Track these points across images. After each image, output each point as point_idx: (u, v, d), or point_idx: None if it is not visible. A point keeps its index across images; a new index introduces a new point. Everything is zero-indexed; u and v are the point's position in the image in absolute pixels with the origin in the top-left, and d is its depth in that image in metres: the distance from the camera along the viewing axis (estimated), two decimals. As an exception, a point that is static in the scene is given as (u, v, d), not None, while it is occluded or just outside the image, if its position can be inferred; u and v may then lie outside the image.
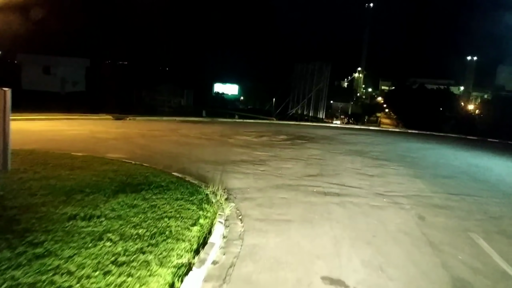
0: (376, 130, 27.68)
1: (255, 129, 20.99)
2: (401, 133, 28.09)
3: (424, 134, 29.07)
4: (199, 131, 18.03)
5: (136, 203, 6.74)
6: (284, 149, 14.47)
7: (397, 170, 12.01)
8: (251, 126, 23.07)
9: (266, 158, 12.29)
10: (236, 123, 25.11)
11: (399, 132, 28.04)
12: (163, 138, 15.22)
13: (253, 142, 15.90)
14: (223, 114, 32.89)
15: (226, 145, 14.55)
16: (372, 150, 16.11)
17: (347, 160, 13.16)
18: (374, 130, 28.20)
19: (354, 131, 25.04)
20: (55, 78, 37.20)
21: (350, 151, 15.22)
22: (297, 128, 23.91)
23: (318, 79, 36.78)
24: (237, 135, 17.64)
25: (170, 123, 21.36)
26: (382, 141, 20.64)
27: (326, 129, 25.48)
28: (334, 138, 19.62)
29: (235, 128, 21.07)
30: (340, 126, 27.20)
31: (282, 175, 10.16)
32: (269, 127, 23.61)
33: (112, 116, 20.81)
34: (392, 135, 25.10)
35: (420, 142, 21.97)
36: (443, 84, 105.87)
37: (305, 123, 28.23)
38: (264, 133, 19.36)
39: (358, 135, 22.70)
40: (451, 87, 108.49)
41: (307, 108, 37.72)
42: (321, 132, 22.48)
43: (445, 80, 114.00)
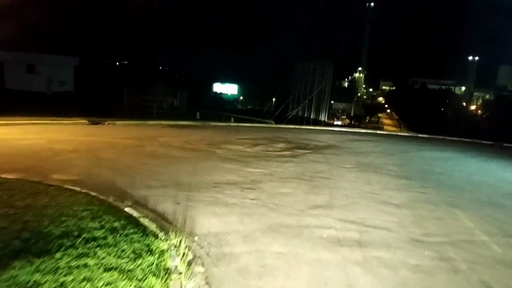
0: (383, 135, 24.91)
1: (250, 135, 18.26)
2: (411, 138, 25.32)
3: (434, 138, 26.35)
4: (184, 139, 15.28)
5: (36, 280, 4.03)
6: (282, 163, 11.73)
7: (427, 195, 9.26)
8: (246, 131, 20.37)
9: (259, 178, 9.54)
10: (230, 128, 22.34)
11: (408, 137, 25.26)
12: (136, 149, 12.47)
13: (246, 153, 13.15)
14: (219, 116, 30.20)
15: (212, 158, 11.79)
16: (387, 163, 13.36)
17: (360, 178, 10.41)
18: (381, 134, 25.44)
19: (360, 136, 22.28)
20: (40, 77, 34.44)
21: (361, 165, 12.46)
22: (297, 133, 21.17)
23: (320, 79, 34.02)
24: (228, 144, 14.88)
25: (153, 129, 18.60)
26: (394, 149, 17.89)
27: (329, 134, 22.73)
28: (340, 147, 16.87)
29: (227, 134, 18.34)
30: (344, 130, 24.47)
31: (278, 206, 7.42)
32: (267, 132, 20.84)
33: (88, 120, 18.06)
34: (401, 141, 22.36)
35: (435, 150, 19.24)
36: (445, 85, 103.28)
37: (306, 127, 25.48)
38: (260, 140, 16.60)
39: (366, 141, 19.96)
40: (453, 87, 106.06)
41: (308, 110, 34.97)
42: (325, 138, 19.73)
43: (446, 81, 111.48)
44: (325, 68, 33.53)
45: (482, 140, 27.69)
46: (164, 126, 19.78)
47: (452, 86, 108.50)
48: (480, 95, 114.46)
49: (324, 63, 33.88)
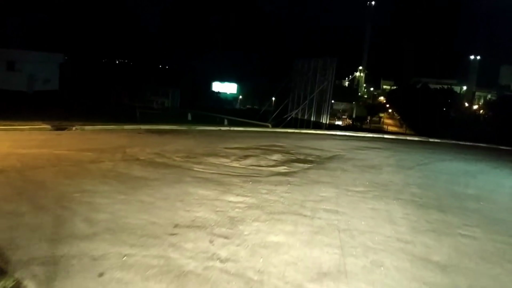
0: (392, 140, 22.06)
1: (241, 143, 15.41)
2: (423, 143, 22.45)
3: (448, 144, 23.51)
4: (159, 149, 12.44)
5: None
6: (275, 185, 8.90)
7: (476, 242, 6.41)
8: (237, 137, 17.53)
9: (241, 215, 6.72)
10: (220, 133, 19.42)
11: (419, 143, 22.40)
12: (89, 166, 9.63)
13: (231, 170, 10.32)
14: (212, 118, 27.23)
15: (184, 179, 8.95)
16: (408, 182, 10.53)
17: (379, 211, 7.57)
18: (390, 140, 22.59)
19: (367, 143, 19.43)
20: (21, 75, 31.56)
21: (377, 187, 9.62)
22: (296, 140, 18.32)
23: (321, 78, 31.16)
24: (211, 156, 12.05)
25: (127, 135, 15.77)
26: (410, 159, 15.05)
27: (332, 140, 19.87)
28: (347, 157, 14.01)
29: (214, 142, 15.48)
30: (348, 134, 21.67)
31: (262, 276, 4.63)
32: (261, 138, 17.97)
33: (51, 125, 15.26)
34: (414, 147, 19.51)
35: (456, 159, 16.43)
36: (446, 84, 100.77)
37: (306, 131, 22.63)
38: (251, 150, 13.76)
39: (375, 149, 17.11)
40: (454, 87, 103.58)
41: (308, 111, 32.11)
42: (328, 146, 16.89)
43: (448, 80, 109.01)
44: (327, 65, 30.66)
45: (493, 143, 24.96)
46: (142, 131, 16.90)
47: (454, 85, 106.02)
48: (482, 95, 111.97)
49: (326, 61, 31.02)
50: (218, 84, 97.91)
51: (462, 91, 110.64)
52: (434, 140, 24.38)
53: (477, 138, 30.53)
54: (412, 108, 79.35)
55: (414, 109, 77.52)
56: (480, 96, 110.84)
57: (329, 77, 30.12)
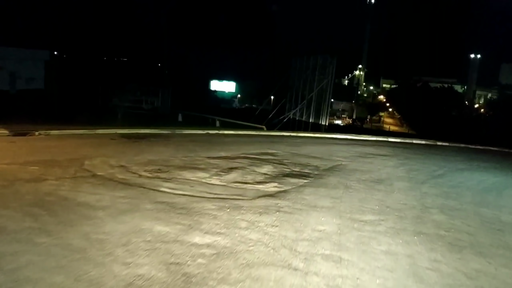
0: (397, 144, 19.93)
1: (228, 151, 13.26)
2: (431, 147, 20.32)
3: (457, 148, 21.41)
4: (126, 160, 10.32)
5: None
6: (260, 214, 6.76)
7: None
8: (226, 143, 15.37)
9: (202, 272, 4.50)
10: (206, 137, 17.21)
11: (427, 147, 20.28)
12: (22, 186, 7.47)
13: (207, 190, 8.18)
14: (204, 119, 24.99)
15: (141, 206, 6.81)
16: (426, 205, 8.38)
17: (398, 258, 5.41)
18: (395, 143, 20.45)
19: (371, 148, 17.30)
20: (2, 73, 29.39)
21: (389, 214, 7.48)
22: (292, 145, 16.16)
23: (321, 76, 29.00)
24: (187, 169, 9.93)
25: (95, 142, 13.61)
26: (422, 170, 12.90)
27: (333, 145, 17.71)
28: (350, 169, 11.88)
29: (197, 149, 13.31)
30: (349, 138, 19.56)
31: None
32: (253, 143, 15.81)
33: (10, 131, 13.11)
34: (423, 153, 17.39)
35: (474, 168, 14.32)
36: (446, 83, 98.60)
37: (304, 134, 20.41)
38: (238, 160, 11.63)
39: (381, 156, 14.99)
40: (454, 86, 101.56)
41: (306, 112, 29.96)
42: (327, 153, 14.76)
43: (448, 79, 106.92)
44: (327, 63, 28.49)
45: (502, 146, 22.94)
46: (115, 136, 14.72)
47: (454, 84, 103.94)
48: (482, 94, 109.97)
49: (326, 59, 28.84)
50: (217, 82, 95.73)
51: (463, 90, 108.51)
52: (442, 144, 22.26)
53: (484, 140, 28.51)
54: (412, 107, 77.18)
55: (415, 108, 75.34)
56: (480, 95, 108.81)
57: (329, 76, 27.96)
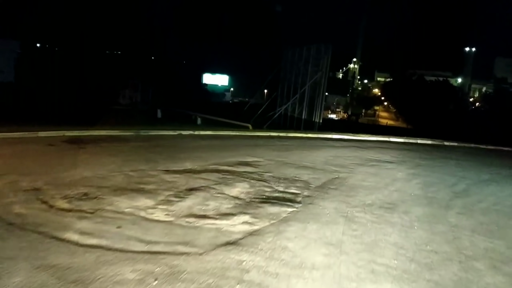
0: (402, 145, 17.14)
1: (195, 161, 10.35)
2: (438, 148, 17.56)
3: (467, 148, 18.69)
4: (49, 178, 7.46)
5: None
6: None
7: None
8: (198, 148, 12.36)
9: None
10: (177, 140, 14.13)
11: (434, 147, 17.52)
12: None
13: (136, 238, 5.31)
14: (187, 116, 21.92)
15: (3, 283, 3.95)
16: (471, 254, 5.59)
17: None
18: (398, 144, 17.66)
19: (373, 152, 14.49)
20: (-36, 65, 26.34)
21: (420, 279, 4.70)
22: (279, 150, 13.29)
23: (314, 68, 26.13)
24: (126, 193, 7.05)
25: (25, 149, 10.70)
26: (438, 182, 10.12)
27: (327, 148, 14.85)
28: (350, 185, 9.06)
29: (156, 158, 10.38)
30: (346, 138, 16.72)
31: None
32: (232, 148, 12.88)
33: None
34: (432, 156, 14.61)
35: (498, 178, 11.57)
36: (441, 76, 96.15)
37: (295, 134, 17.50)
38: (205, 175, 8.75)
39: (385, 163, 12.20)
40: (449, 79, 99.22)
41: (299, 107, 27.11)
42: (321, 160, 11.93)
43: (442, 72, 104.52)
44: (321, 54, 25.57)
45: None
46: (57, 141, 11.78)
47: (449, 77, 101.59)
48: (477, 87, 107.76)
49: (320, 49, 25.91)
50: (209, 76, 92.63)
51: (457, 83, 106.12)
52: (449, 144, 19.51)
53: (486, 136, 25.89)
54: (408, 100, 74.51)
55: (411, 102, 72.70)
56: (475, 89, 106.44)
57: (323, 68, 25.06)
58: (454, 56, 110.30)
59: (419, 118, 65.28)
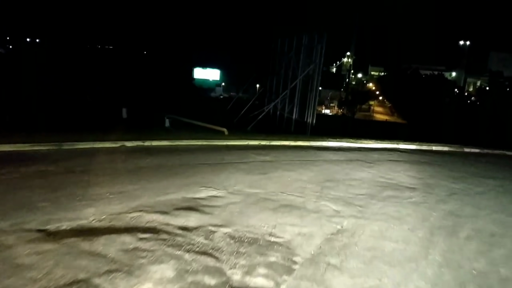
0: (416, 155, 13.20)
1: (113, 201, 6.31)
2: (464, 158, 13.63)
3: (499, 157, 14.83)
4: None
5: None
6: None
7: None
8: (129, 175, 7.98)
9: None
10: (111, 158, 9.91)
11: (458, 157, 13.58)
12: None
13: None
14: (157, 117, 17.73)
15: None
16: None
17: None
18: (411, 152, 13.73)
19: (383, 168, 10.52)
20: None
21: None
22: (254, 172, 9.20)
23: (307, 60, 22.12)
24: None
25: None
26: (509, 235, 6.20)
27: (322, 164, 10.81)
28: (369, 252, 5.09)
29: (50, 198, 6.34)
30: (346, 146, 12.72)
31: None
32: (183, 173, 8.66)
33: None
34: (464, 175, 10.70)
35: None
36: (436, 70, 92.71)
37: (280, 142, 13.33)
38: (105, 242, 4.75)
39: (408, 190, 8.26)
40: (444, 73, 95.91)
41: (289, 104, 23.11)
42: (314, 193, 7.91)
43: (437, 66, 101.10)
44: (314, 43, 21.53)
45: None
46: None
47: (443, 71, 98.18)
48: (472, 81, 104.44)
49: (313, 37, 21.88)
50: (200, 70, 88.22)
51: (452, 77, 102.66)
52: (471, 150, 15.63)
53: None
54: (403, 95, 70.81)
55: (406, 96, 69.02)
56: (470, 82, 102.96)
57: (317, 59, 21.02)
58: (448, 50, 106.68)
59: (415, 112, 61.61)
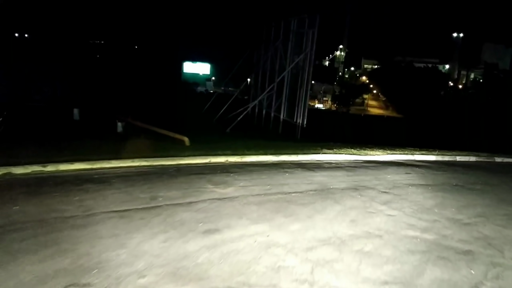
0: (441, 170, 9.38)
1: None
2: (497, 175, 9.88)
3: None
4: None
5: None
6: None
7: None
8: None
9: None
10: None
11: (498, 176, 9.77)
12: None
13: None
14: (112, 120, 13.66)
15: None
16: None
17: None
18: (434, 166, 9.95)
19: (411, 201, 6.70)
20: None
21: None
22: (204, 219, 5.42)
23: (296, 50, 18.33)
24: None
25: None
26: None
27: (317, 209, 6.96)
28: None
29: None
30: (349, 161, 8.73)
31: None
32: (59, 249, 4.83)
33: None
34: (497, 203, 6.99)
35: None
36: (429, 63, 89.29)
37: (257, 159, 9.37)
38: None
39: (461, 258, 4.52)
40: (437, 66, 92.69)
41: (277, 100, 19.30)
42: (294, 278, 4.18)
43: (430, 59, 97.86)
44: (304, 29, 17.70)
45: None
46: None
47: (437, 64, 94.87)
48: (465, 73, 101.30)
49: (303, 21, 18.03)
50: (190, 64, 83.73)
51: (445, 70, 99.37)
52: (504, 160, 11.92)
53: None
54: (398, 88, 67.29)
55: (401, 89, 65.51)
56: (463, 75, 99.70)
57: (308, 47, 17.20)
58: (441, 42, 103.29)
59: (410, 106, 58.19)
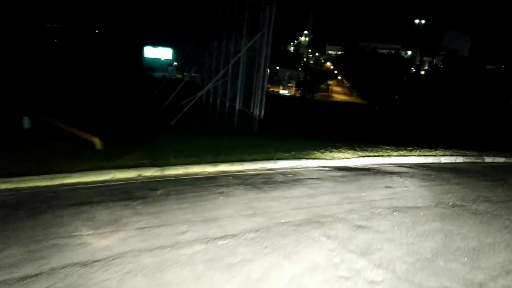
0: (450, 184, 7.03)
1: None
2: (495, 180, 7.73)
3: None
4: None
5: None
6: None
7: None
8: None
9: None
10: None
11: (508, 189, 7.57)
12: None
13: None
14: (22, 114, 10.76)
15: None
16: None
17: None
18: (433, 175, 7.60)
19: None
20: None
21: None
22: None
23: (250, 31, 15.61)
24: None
25: None
26: None
27: None
28: None
29: None
30: (325, 170, 6.10)
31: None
32: None
33: None
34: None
35: None
36: (392, 49, 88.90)
37: (183, 171, 6.69)
38: None
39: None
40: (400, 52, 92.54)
41: (232, 88, 16.61)
42: None
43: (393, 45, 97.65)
44: (261, 6, 15.02)
45: None
46: None
47: (400, 50, 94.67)
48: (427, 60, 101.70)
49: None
50: (151, 49, 78.92)
51: (407, 56, 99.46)
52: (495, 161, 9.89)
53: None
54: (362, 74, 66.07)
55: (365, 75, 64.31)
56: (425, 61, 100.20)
57: (265, 26, 14.56)
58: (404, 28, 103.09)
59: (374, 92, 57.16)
